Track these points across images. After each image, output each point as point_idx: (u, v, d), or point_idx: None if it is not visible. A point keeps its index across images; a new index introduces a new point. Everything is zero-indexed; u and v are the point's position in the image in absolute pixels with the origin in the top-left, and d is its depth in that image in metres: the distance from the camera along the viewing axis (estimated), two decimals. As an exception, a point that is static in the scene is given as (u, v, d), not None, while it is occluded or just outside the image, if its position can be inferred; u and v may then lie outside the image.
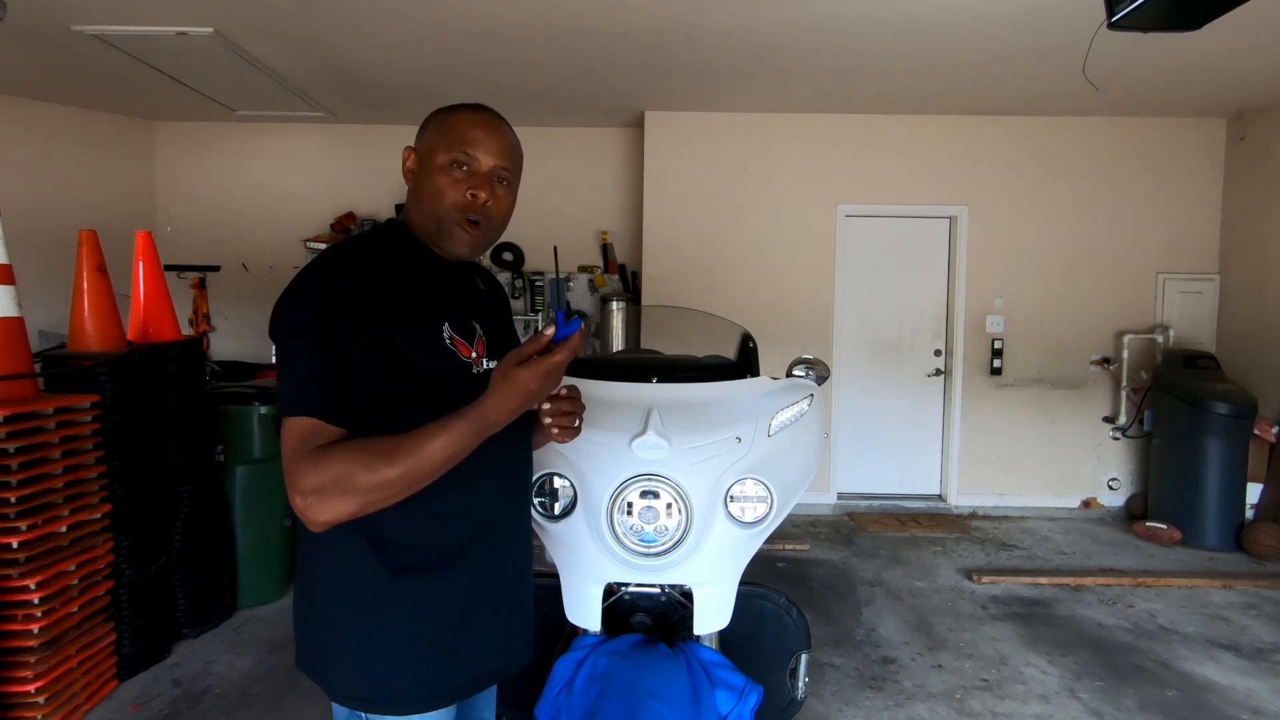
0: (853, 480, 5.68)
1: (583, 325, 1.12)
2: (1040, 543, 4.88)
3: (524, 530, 1.37)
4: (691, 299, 5.04)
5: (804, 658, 1.84)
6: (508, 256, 5.80)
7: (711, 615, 1.68)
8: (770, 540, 1.92)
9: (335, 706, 1.22)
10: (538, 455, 1.49)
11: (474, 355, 1.23)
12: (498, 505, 1.28)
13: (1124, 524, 5.30)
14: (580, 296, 5.94)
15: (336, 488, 1.03)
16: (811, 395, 1.93)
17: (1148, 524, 4.98)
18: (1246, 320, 5.28)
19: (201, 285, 5.89)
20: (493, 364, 1.26)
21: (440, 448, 1.06)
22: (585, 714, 1.54)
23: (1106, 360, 5.54)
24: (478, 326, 1.26)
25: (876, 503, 5.62)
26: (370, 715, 1.19)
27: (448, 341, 1.19)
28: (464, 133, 1.21)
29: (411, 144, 1.28)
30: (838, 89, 4.87)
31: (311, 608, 1.21)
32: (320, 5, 3.55)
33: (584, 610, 1.69)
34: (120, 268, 3.24)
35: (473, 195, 1.20)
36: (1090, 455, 5.58)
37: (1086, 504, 5.56)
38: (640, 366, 2.24)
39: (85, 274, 2.94)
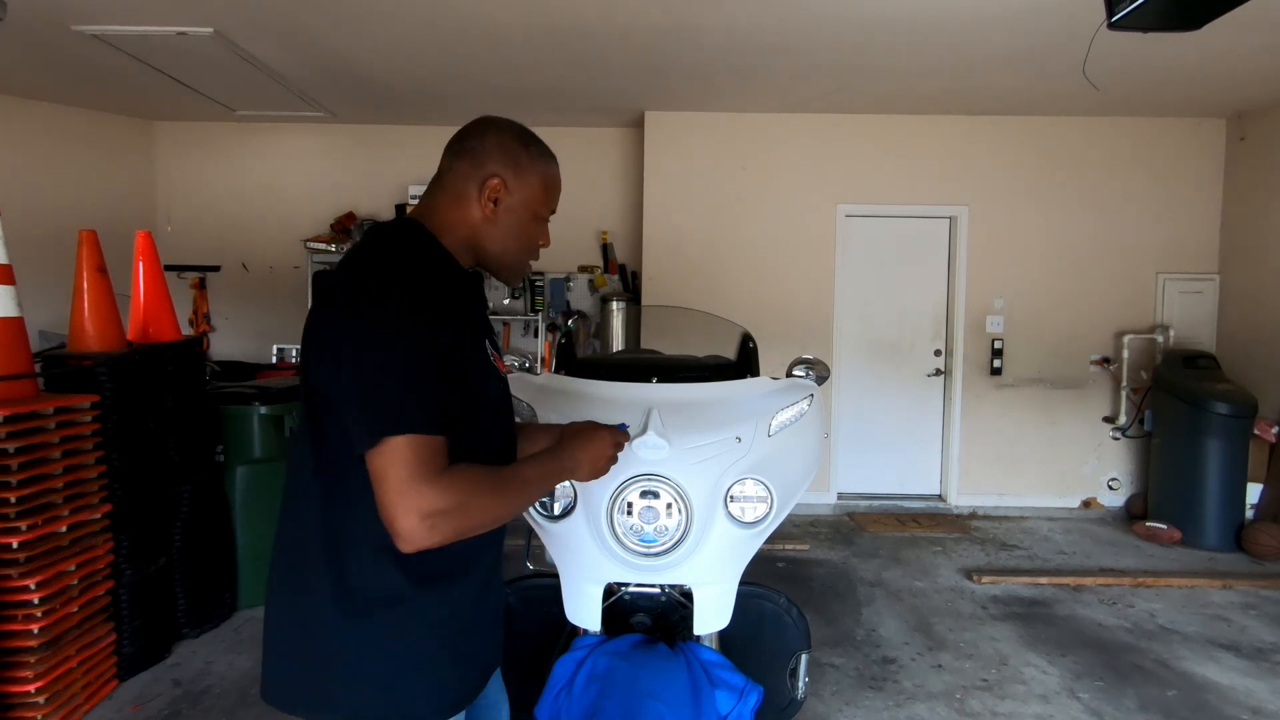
0: (853, 480, 5.68)
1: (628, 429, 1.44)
2: (1040, 543, 4.88)
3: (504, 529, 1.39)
4: (691, 299, 5.04)
5: (804, 658, 1.84)
6: (508, 256, 5.79)
7: (711, 615, 1.68)
8: (770, 540, 1.92)
9: None
10: None
11: (502, 368, 1.26)
12: None
13: (1124, 524, 5.30)
14: (580, 296, 5.94)
15: (456, 513, 1.02)
16: (811, 395, 1.93)
17: (1148, 524, 4.98)
18: (1246, 320, 5.28)
19: (201, 285, 5.89)
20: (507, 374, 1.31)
21: (537, 494, 1.22)
22: (585, 714, 1.54)
23: (1106, 360, 5.54)
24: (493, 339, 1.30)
25: (876, 503, 5.62)
26: None
27: (490, 357, 1.21)
28: (557, 190, 1.29)
29: (494, 171, 1.20)
30: (838, 89, 4.87)
31: (315, 631, 1.14)
32: (320, 5, 3.55)
33: (584, 610, 1.69)
34: (120, 268, 3.24)
35: (543, 243, 1.31)
36: (1090, 455, 5.58)
37: (1086, 504, 5.56)
38: (640, 366, 2.24)
39: (85, 274, 2.94)
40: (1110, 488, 5.58)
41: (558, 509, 1.68)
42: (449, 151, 1.23)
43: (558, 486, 1.68)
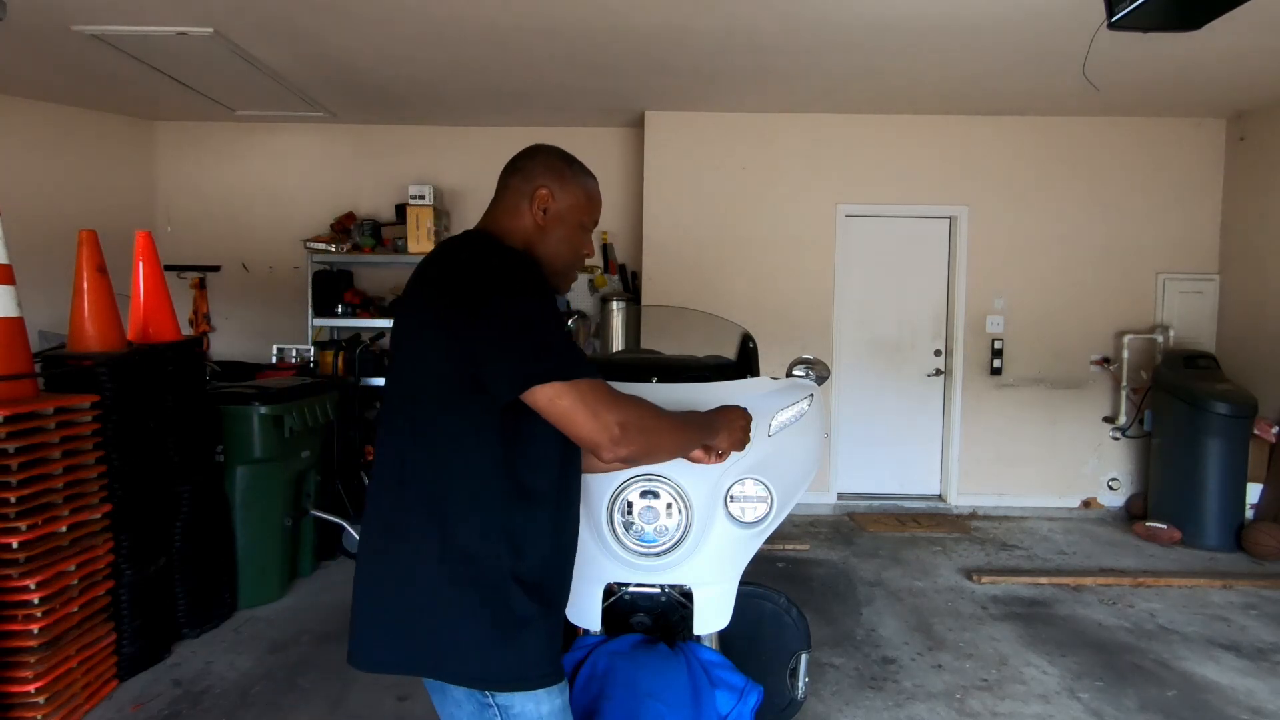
0: (853, 480, 5.68)
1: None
2: (1040, 543, 4.88)
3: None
4: (691, 299, 5.04)
5: (804, 658, 1.84)
6: (508, 256, 5.79)
7: (711, 615, 1.68)
8: (770, 540, 1.92)
9: (465, 697, 1.24)
10: None
11: None
12: None
13: (1124, 524, 5.30)
14: (580, 296, 5.94)
15: (638, 427, 1.20)
16: (811, 395, 1.92)
17: (1148, 524, 4.98)
18: (1246, 320, 5.28)
19: (201, 285, 5.89)
20: None
21: (690, 440, 1.37)
22: (585, 714, 1.54)
23: (1106, 360, 5.54)
24: None
25: (876, 503, 5.62)
26: (537, 691, 1.24)
27: None
28: (598, 202, 1.45)
29: (543, 183, 1.36)
30: (838, 89, 4.87)
31: (436, 593, 1.21)
32: (320, 5, 3.55)
33: (584, 610, 1.69)
34: (120, 268, 3.24)
35: (588, 252, 1.46)
36: (1090, 455, 5.58)
37: (1086, 504, 5.56)
38: (640, 366, 2.24)
39: (85, 274, 2.94)
40: (1110, 488, 5.58)
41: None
42: (505, 173, 1.40)
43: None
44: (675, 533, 1.62)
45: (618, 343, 5.51)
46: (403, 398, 1.27)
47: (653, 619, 1.77)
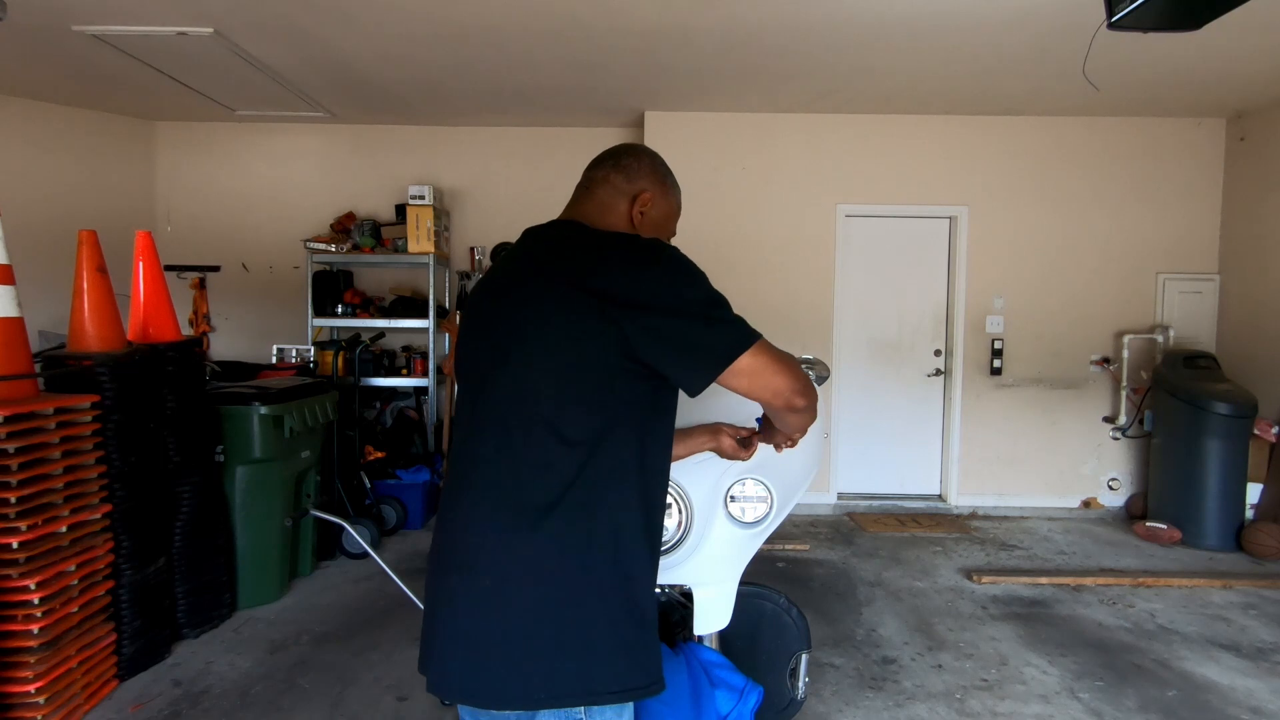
0: (853, 480, 5.68)
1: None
2: (1040, 543, 4.88)
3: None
4: (691, 299, 5.03)
5: (804, 658, 1.84)
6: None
7: (711, 615, 1.68)
8: (770, 540, 1.92)
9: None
10: None
11: None
12: None
13: (1124, 524, 5.30)
14: (580, 296, 5.93)
15: (807, 380, 1.22)
16: (811, 395, 1.92)
17: (1148, 524, 4.99)
18: (1246, 320, 5.28)
19: (201, 285, 5.89)
20: None
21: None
22: (585, 714, 1.54)
23: (1106, 360, 5.54)
24: None
25: (876, 503, 5.62)
26: (625, 705, 1.18)
27: None
28: (678, 216, 1.45)
29: (646, 186, 1.36)
30: (838, 89, 4.87)
31: (624, 613, 1.16)
32: (320, 5, 3.55)
33: (584, 610, 1.68)
34: (120, 268, 3.25)
35: None
36: (1090, 455, 5.58)
37: (1086, 504, 5.56)
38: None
39: (85, 274, 2.94)
40: (1110, 488, 5.58)
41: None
42: (604, 165, 1.36)
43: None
44: (675, 533, 1.62)
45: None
46: (535, 392, 1.16)
47: (653, 619, 1.77)
